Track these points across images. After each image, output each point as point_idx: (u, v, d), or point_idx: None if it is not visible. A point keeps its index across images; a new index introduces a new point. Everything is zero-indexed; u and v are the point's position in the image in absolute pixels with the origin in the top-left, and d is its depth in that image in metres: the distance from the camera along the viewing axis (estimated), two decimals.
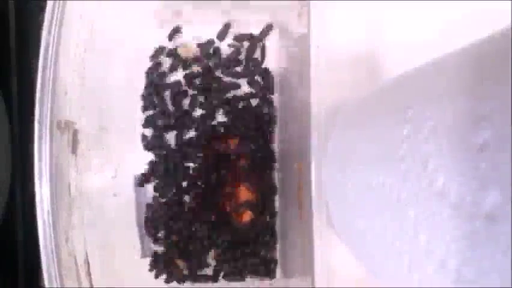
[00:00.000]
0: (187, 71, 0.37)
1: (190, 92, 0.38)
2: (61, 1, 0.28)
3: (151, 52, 0.37)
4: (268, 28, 0.37)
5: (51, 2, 0.28)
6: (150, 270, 0.36)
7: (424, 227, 0.15)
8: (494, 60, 0.13)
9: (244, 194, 0.37)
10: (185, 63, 0.37)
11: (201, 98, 0.37)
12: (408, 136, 0.17)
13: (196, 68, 0.38)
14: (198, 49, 0.37)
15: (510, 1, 0.29)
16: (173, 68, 0.37)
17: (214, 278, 0.37)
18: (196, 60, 0.37)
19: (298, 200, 0.33)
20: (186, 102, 0.38)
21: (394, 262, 0.18)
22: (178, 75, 0.38)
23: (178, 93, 0.37)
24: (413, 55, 0.22)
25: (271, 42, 0.38)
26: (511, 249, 0.11)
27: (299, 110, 0.33)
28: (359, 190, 0.23)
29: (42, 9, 0.29)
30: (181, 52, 0.37)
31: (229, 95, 0.37)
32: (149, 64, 0.37)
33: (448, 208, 0.14)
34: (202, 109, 0.37)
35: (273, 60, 0.38)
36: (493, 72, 0.13)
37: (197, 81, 0.37)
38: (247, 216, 0.37)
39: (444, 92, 0.15)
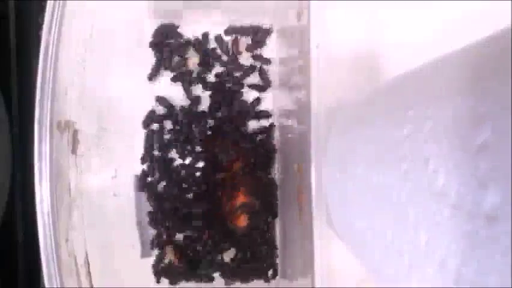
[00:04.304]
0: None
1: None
2: (61, 1, 0.28)
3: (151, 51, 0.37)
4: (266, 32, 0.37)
5: (51, 2, 0.28)
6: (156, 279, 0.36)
7: (424, 227, 0.15)
8: (494, 60, 0.13)
9: (243, 197, 0.37)
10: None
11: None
12: (409, 136, 0.17)
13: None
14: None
15: (510, 1, 0.29)
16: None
17: (214, 278, 0.37)
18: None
19: (299, 202, 0.33)
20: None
21: (394, 262, 0.18)
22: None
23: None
24: (413, 55, 0.22)
25: (272, 42, 0.38)
26: (510, 249, 0.11)
27: (299, 110, 0.33)
28: (359, 190, 0.23)
29: (42, 9, 0.29)
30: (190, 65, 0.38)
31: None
32: (148, 63, 0.38)
33: (448, 208, 0.14)
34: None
35: (273, 60, 0.38)
36: (493, 72, 0.13)
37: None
38: (243, 219, 0.37)
39: (444, 92, 0.15)
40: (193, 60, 0.38)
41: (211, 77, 0.38)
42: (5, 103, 0.36)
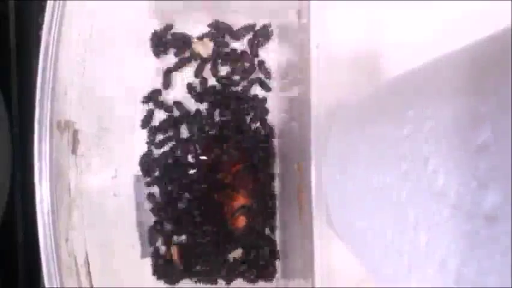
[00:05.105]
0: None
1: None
2: (61, 1, 0.28)
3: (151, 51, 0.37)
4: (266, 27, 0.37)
5: (51, 2, 0.28)
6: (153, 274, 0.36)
7: (424, 227, 0.15)
8: (494, 60, 0.13)
9: (242, 198, 0.37)
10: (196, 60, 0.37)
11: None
12: (409, 136, 0.17)
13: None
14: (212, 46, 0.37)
15: (510, 1, 0.29)
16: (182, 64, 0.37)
17: (214, 278, 0.37)
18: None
19: (299, 201, 0.33)
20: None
21: (394, 262, 0.18)
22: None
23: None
24: (413, 55, 0.22)
25: (271, 42, 0.38)
26: (510, 249, 0.11)
27: (299, 110, 0.33)
28: (359, 190, 0.23)
29: (42, 9, 0.29)
30: (197, 48, 0.37)
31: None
32: (148, 63, 0.38)
33: (448, 208, 0.14)
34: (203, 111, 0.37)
35: (273, 60, 0.38)
36: (493, 72, 0.13)
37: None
38: (242, 221, 0.37)
39: (444, 92, 0.15)
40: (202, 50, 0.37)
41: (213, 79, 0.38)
42: (5, 103, 0.36)
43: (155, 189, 0.37)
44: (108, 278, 0.32)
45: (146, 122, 0.37)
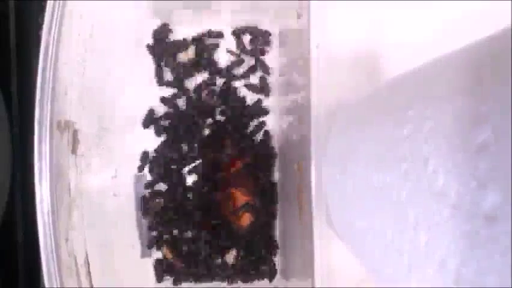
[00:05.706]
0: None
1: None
2: (61, 1, 0.28)
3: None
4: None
5: (52, 2, 0.28)
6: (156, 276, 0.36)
7: (424, 227, 0.15)
8: (494, 60, 0.13)
9: (243, 196, 0.37)
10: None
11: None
12: (409, 136, 0.17)
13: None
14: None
15: (510, 1, 0.29)
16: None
17: (214, 278, 0.37)
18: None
19: (299, 201, 0.33)
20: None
21: (394, 262, 0.18)
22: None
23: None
24: (413, 55, 0.22)
25: (271, 42, 0.38)
26: (510, 249, 0.11)
27: (299, 110, 0.33)
28: (359, 190, 0.23)
29: (42, 9, 0.29)
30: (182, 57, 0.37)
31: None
32: (148, 63, 0.38)
33: (448, 208, 0.14)
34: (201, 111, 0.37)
35: (273, 60, 0.38)
36: (493, 72, 0.13)
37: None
38: (246, 219, 0.37)
39: (444, 92, 0.15)
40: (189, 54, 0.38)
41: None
42: (5, 103, 0.36)
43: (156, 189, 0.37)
44: (108, 278, 0.32)
45: (147, 121, 0.37)
